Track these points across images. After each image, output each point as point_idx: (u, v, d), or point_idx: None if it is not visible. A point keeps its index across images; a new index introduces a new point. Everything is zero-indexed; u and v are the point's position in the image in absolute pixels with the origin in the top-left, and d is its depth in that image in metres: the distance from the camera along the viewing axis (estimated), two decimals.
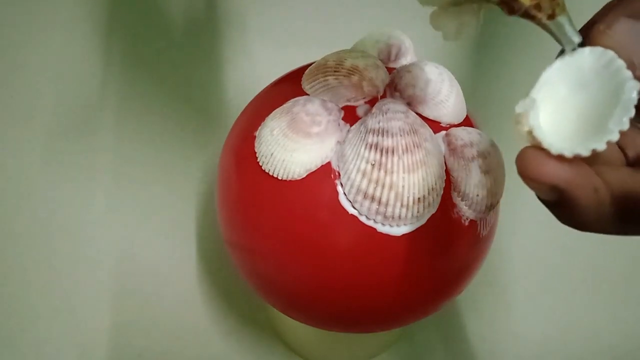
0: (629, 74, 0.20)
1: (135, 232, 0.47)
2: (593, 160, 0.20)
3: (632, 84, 0.19)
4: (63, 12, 0.55)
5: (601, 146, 0.19)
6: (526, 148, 0.20)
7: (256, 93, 0.35)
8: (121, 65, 0.54)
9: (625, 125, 0.19)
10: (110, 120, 0.51)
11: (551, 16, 0.21)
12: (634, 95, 0.19)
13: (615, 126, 0.19)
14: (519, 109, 0.20)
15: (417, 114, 0.30)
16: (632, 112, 0.19)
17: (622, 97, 0.19)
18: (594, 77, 0.21)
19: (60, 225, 0.47)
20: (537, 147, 0.20)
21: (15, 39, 0.54)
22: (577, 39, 0.21)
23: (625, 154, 0.22)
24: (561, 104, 0.21)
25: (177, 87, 0.53)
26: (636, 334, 0.46)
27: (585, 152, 0.19)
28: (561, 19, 0.21)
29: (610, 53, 0.20)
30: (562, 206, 0.20)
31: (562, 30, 0.21)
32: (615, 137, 0.19)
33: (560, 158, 0.19)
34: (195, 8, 0.56)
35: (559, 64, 0.21)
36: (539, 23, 0.21)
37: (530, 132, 0.20)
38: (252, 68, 0.54)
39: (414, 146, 0.27)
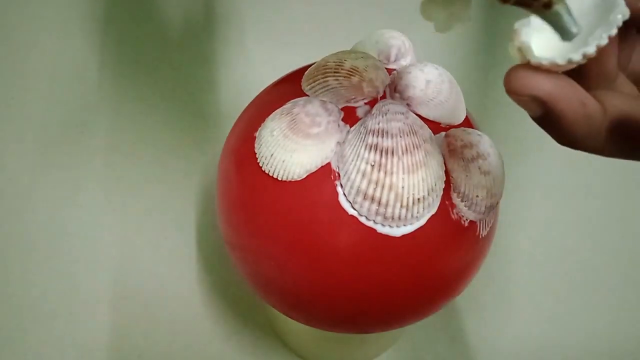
0: (622, 1, 0.20)
1: (135, 233, 0.47)
2: (596, 84, 0.21)
3: (621, 8, 0.20)
4: (59, 14, 0.55)
5: (577, 57, 0.20)
6: (513, 66, 0.21)
7: (256, 94, 0.35)
8: (120, 66, 0.54)
9: (604, 41, 0.20)
10: (110, 120, 0.51)
11: (547, 5, 0.20)
12: (619, 17, 0.20)
13: (594, 40, 0.20)
14: (516, 25, 0.21)
15: (417, 114, 0.30)
16: (614, 32, 0.20)
17: (609, 17, 0.20)
18: (593, 9, 0.21)
19: (60, 225, 0.47)
20: (524, 64, 0.20)
21: (12, 40, 0.54)
22: (575, 29, 0.21)
23: None
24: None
25: (177, 88, 0.53)
26: (636, 334, 0.46)
27: (561, 61, 0.20)
28: (558, 7, 0.20)
29: None
30: (550, 120, 0.21)
31: (560, 20, 0.20)
32: (591, 50, 0.20)
33: (544, 72, 0.20)
34: (194, 9, 0.56)
35: None
36: (535, 12, 0.21)
37: (520, 49, 0.21)
38: (252, 69, 0.54)
39: (413, 147, 0.28)
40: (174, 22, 0.56)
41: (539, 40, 0.21)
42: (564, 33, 0.21)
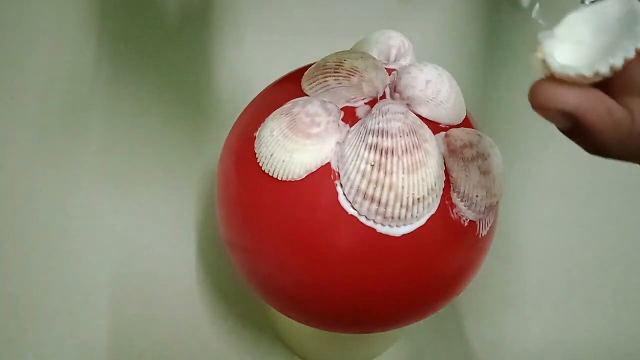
0: None
1: (135, 233, 0.47)
2: (620, 91, 0.21)
3: None
4: (56, 12, 0.55)
5: (604, 69, 0.20)
6: (538, 81, 0.21)
7: (256, 94, 0.35)
8: (119, 66, 0.54)
9: (630, 54, 0.20)
10: (110, 120, 0.51)
11: None
12: None
13: (621, 52, 0.20)
14: (539, 37, 0.21)
15: (417, 115, 0.30)
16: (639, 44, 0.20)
17: (635, 29, 0.20)
18: (617, 23, 0.21)
19: (60, 226, 0.47)
20: (548, 78, 0.20)
21: (8, 40, 0.54)
22: (524, 3, 0.21)
23: None
24: (582, 47, 0.21)
25: (177, 88, 0.53)
26: (636, 335, 0.46)
27: (588, 73, 0.20)
28: None
29: (635, 2, 0.21)
30: (580, 132, 0.20)
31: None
32: (618, 62, 0.20)
33: (569, 85, 0.20)
34: (194, 8, 0.56)
35: (586, 10, 0.22)
36: None
37: (544, 61, 0.21)
38: (252, 69, 0.54)
39: (413, 147, 0.28)
40: (173, 21, 0.56)
41: (563, 52, 0.21)
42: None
